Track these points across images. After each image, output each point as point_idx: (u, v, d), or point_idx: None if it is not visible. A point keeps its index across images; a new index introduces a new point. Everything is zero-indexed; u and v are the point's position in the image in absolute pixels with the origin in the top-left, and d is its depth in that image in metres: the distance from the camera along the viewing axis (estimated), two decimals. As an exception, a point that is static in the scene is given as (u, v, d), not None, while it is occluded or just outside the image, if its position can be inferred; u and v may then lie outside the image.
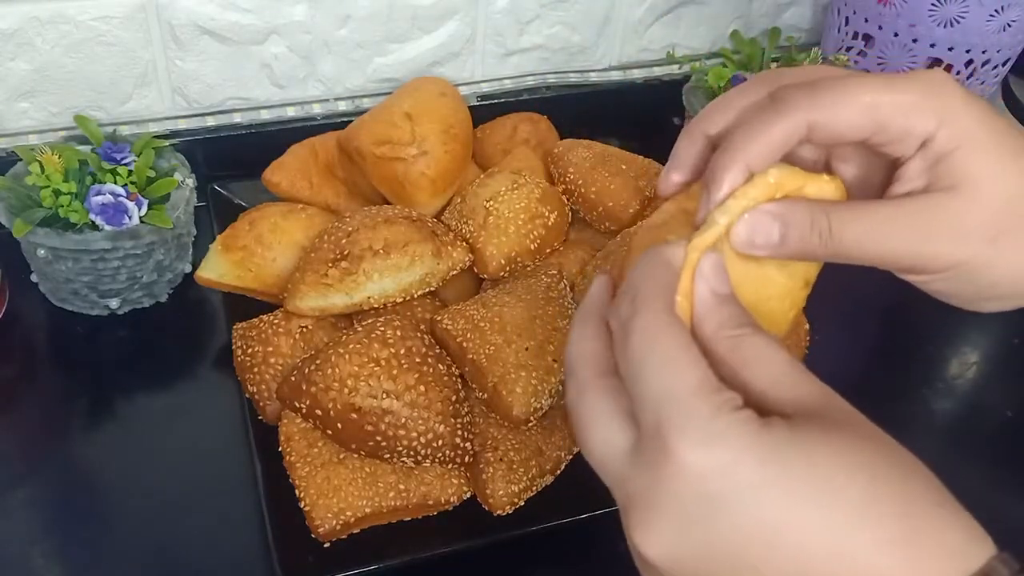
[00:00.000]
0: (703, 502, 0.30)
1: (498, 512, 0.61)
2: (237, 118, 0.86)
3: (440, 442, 0.59)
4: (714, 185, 0.36)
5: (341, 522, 0.58)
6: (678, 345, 0.32)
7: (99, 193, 0.69)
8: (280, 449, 0.61)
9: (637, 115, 0.96)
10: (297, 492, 0.59)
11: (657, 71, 1.01)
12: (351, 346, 0.60)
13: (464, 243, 0.71)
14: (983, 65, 0.89)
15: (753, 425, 0.30)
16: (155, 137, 0.76)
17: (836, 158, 0.41)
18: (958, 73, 0.89)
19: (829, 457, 0.30)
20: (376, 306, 0.67)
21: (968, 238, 0.36)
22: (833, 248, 0.36)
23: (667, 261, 0.34)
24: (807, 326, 0.72)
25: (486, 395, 0.62)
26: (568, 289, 0.70)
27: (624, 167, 0.78)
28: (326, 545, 0.58)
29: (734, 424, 0.30)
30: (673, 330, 0.33)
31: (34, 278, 0.75)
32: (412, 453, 0.59)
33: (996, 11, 0.84)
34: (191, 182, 0.75)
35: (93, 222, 0.69)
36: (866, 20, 0.90)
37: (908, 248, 0.36)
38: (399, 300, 0.68)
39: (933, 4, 0.84)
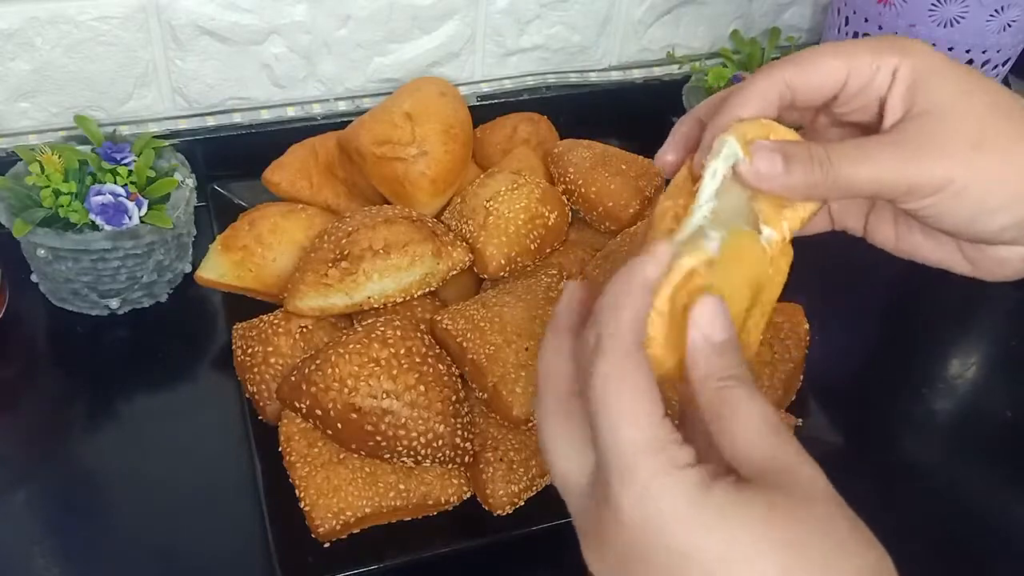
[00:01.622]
0: (637, 549, 0.32)
1: (498, 512, 0.61)
2: (237, 118, 0.86)
3: (440, 442, 0.59)
4: (707, 134, 0.39)
5: (341, 522, 0.58)
6: (635, 398, 0.32)
7: (99, 193, 0.69)
8: (280, 449, 0.61)
9: (637, 115, 0.96)
10: (297, 492, 0.59)
11: (657, 71, 1.01)
12: (351, 346, 0.60)
13: (464, 243, 0.71)
14: (983, 65, 0.88)
15: (692, 490, 0.31)
16: (155, 137, 0.76)
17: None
18: (958, 73, 0.89)
19: (758, 529, 0.30)
20: (376, 306, 0.67)
21: (949, 152, 0.38)
22: (833, 176, 0.38)
23: (641, 284, 0.34)
24: (807, 326, 0.72)
25: (486, 395, 0.62)
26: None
27: (624, 167, 0.78)
28: (326, 545, 0.58)
29: (672, 486, 0.31)
30: (634, 378, 0.33)
31: (34, 278, 0.75)
32: (412, 453, 0.59)
33: (996, 11, 0.84)
34: (191, 182, 0.75)
35: (93, 222, 0.69)
36: (866, 20, 0.90)
37: (897, 171, 0.38)
38: (399, 300, 0.68)
39: (933, 4, 0.84)
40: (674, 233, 0.37)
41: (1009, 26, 0.85)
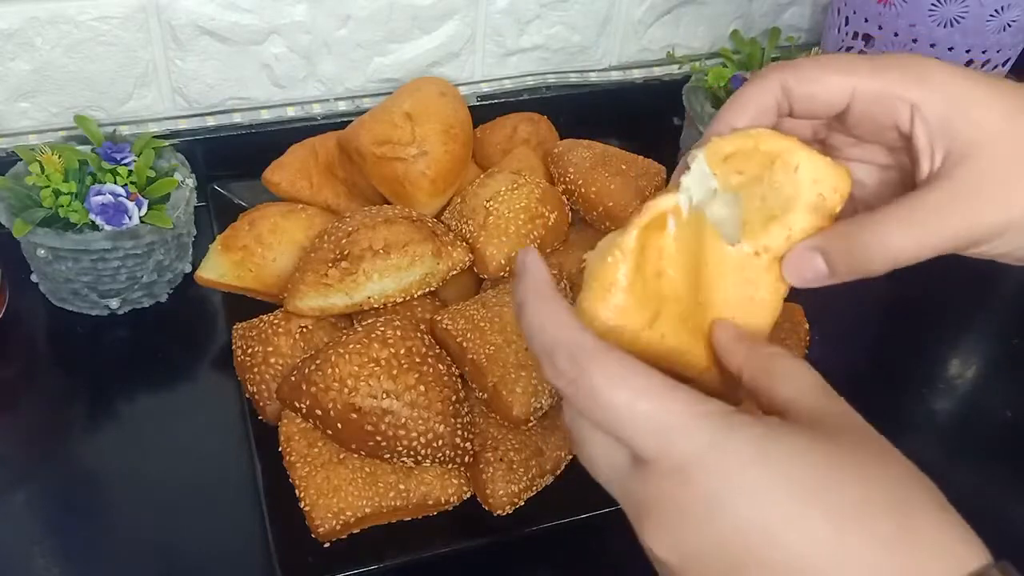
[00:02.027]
0: (702, 504, 0.30)
1: (498, 512, 0.61)
2: (237, 118, 0.86)
3: (440, 442, 0.59)
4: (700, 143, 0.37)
5: (341, 522, 0.58)
6: (623, 379, 0.31)
7: (99, 193, 0.69)
8: (280, 449, 0.61)
9: (637, 115, 0.97)
10: (297, 492, 0.59)
11: (657, 71, 1.01)
12: (351, 346, 0.60)
13: (464, 243, 0.71)
14: (983, 65, 0.88)
15: (754, 427, 0.30)
16: (155, 137, 0.76)
17: (854, 159, 0.41)
18: (958, 73, 0.89)
19: (829, 459, 0.30)
20: (376, 306, 0.67)
21: (1010, 191, 0.35)
22: (882, 255, 0.35)
23: (536, 285, 0.34)
24: (807, 326, 0.72)
25: (486, 395, 0.62)
26: (568, 289, 0.70)
27: (624, 167, 0.78)
28: (326, 545, 0.58)
29: (734, 428, 0.30)
30: (631, 383, 0.31)
31: (34, 278, 0.75)
32: (412, 453, 0.59)
33: (996, 11, 0.84)
34: (191, 182, 0.75)
35: (93, 222, 0.69)
36: (866, 20, 0.90)
37: (958, 231, 0.35)
38: (399, 300, 0.68)
39: (933, 4, 0.84)
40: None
41: (1009, 26, 0.85)
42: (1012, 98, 0.36)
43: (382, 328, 0.61)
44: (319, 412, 0.59)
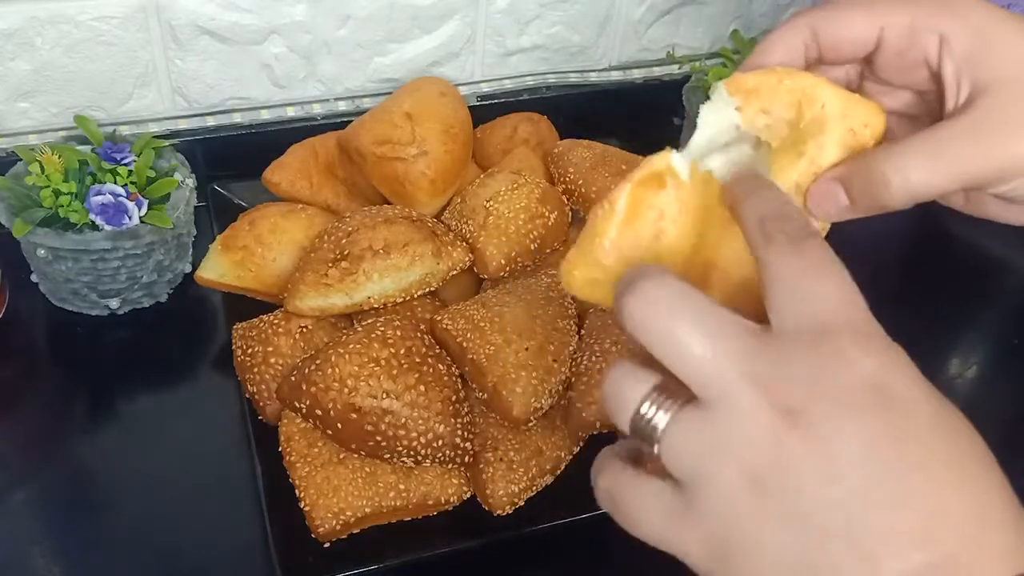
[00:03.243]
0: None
1: (498, 512, 0.61)
2: (237, 118, 0.86)
3: (440, 442, 0.59)
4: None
5: (341, 522, 0.58)
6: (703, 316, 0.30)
7: (99, 193, 0.69)
8: (280, 449, 0.61)
9: (637, 115, 0.96)
10: (297, 492, 0.59)
11: (657, 71, 1.01)
12: (351, 346, 0.60)
13: (464, 243, 0.71)
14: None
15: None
16: (155, 137, 0.76)
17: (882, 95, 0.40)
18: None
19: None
20: (376, 306, 0.67)
21: None
22: (905, 187, 0.35)
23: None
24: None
25: (486, 395, 0.62)
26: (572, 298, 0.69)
27: (624, 167, 0.78)
28: (326, 545, 0.58)
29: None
30: (689, 303, 0.30)
31: (34, 278, 0.75)
32: (412, 453, 0.59)
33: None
34: (191, 182, 0.75)
35: (93, 222, 0.69)
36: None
37: (982, 161, 0.35)
38: (399, 300, 0.68)
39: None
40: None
41: None
42: None
43: (382, 328, 0.61)
44: (319, 412, 0.59)
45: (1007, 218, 0.40)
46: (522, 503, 0.61)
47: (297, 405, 0.60)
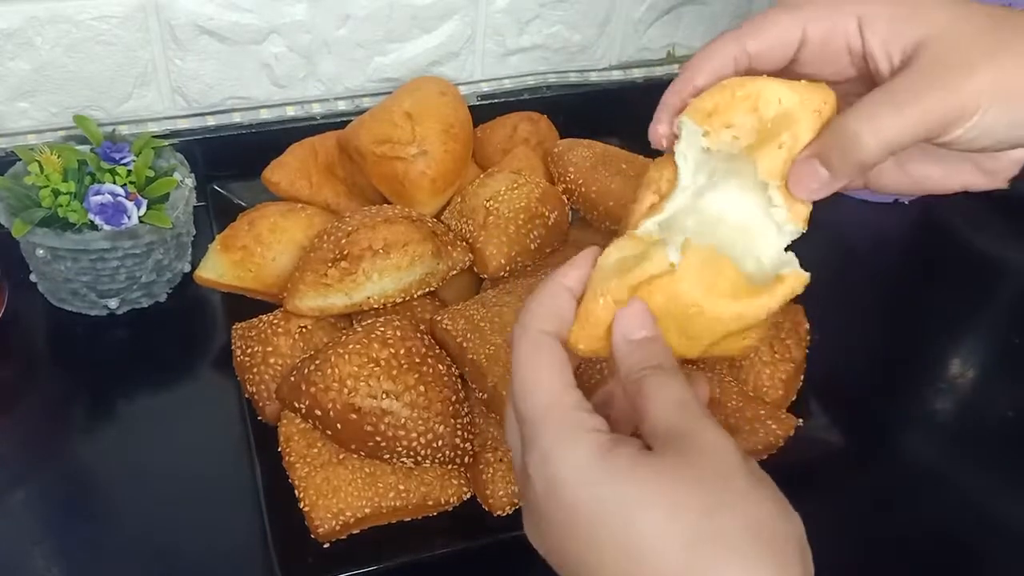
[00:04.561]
0: (545, 509, 0.34)
1: (498, 512, 0.61)
2: (237, 118, 0.86)
3: (440, 442, 0.59)
4: (661, 109, 0.40)
5: (341, 522, 0.58)
6: (539, 372, 0.36)
7: (98, 193, 0.69)
8: (280, 449, 0.61)
9: (637, 115, 0.96)
10: (297, 492, 0.59)
11: (657, 71, 1.01)
12: (351, 346, 0.60)
13: (464, 243, 0.71)
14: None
15: (593, 451, 0.33)
16: (154, 137, 0.76)
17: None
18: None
19: (648, 484, 0.32)
20: (376, 306, 0.67)
21: (973, 68, 0.36)
22: (872, 144, 0.36)
23: (559, 286, 0.38)
24: (807, 326, 0.72)
25: (486, 395, 0.62)
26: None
27: (624, 167, 0.78)
28: (326, 545, 0.58)
29: (573, 448, 0.34)
30: (539, 358, 0.37)
31: (33, 278, 0.75)
32: (412, 453, 0.59)
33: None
34: (190, 182, 0.75)
35: (92, 222, 0.69)
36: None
37: (933, 107, 0.36)
38: (399, 300, 0.68)
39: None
40: (654, 210, 0.39)
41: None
42: (954, 5, 0.37)
43: (382, 328, 0.61)
44: (319, 412, 0.59)
45: (955, 184, 0.42)
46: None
47: (297, 405, 0.60)
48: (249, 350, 0.66)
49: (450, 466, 0.61)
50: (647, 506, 0.32)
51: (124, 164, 0.71)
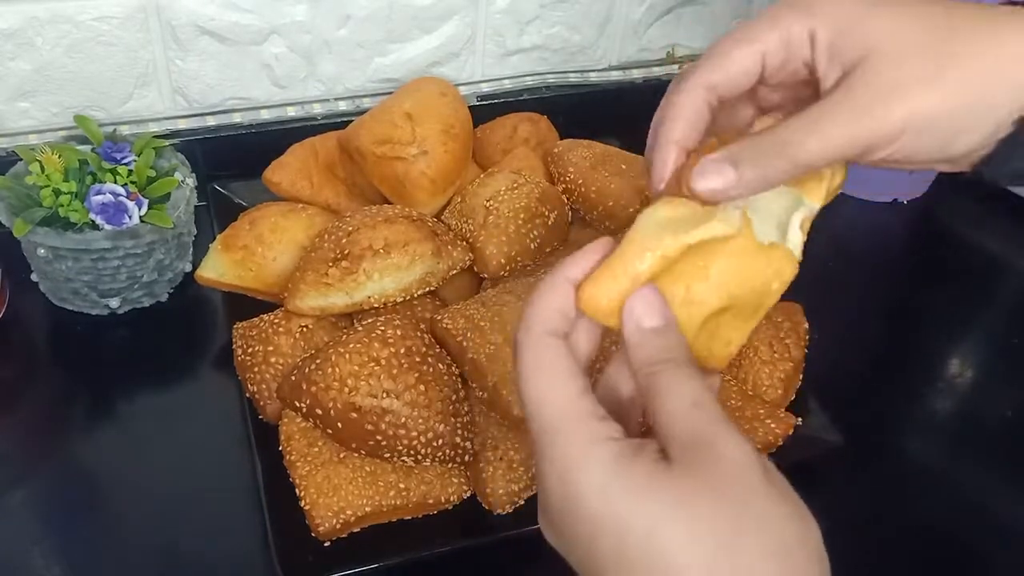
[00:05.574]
0: (565, 520, 0.34)
1: (498, 511, 0.61)
2: (237, 118, 0.86)
3: (440, 441, 0.59)
4: (654, 172, 0.39)
5: (341, 521, 0.58)
6: (551, 379, 0.35)
7: (99, 192, 0.69)
8: (280, 448, 0.61)
9: (637, 115, 0.96)
10: (297, 491, 0.59)
11: (657, 71, 1.01)
12: (351, 345, 0.60)
13: (464, 242, 0.71)
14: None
15: (609, 463, 0.32)
16: (155, 137, 0.77)
17: (767, 105, 0.42)
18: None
19: (667, 503, 0.31)
20: (376, 305, 0.67)
21: (902, 93, 0.36)
22: (789, 159, 0.36)
23: (563, 281, 0.37)
24: (807, 325, 0.72)
25: (486, 394, 0.62)
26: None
27: (624, 167, 0.78)
28: (326, 544, 0.58)
29: (589, 459, 0.33)
30: (548, 363, 0.36)
31: (34, 277, 0.75)
32: (412, 452, 0.59)
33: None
34: (191, 181, 0.75)
35: (93, 221, 0.69)
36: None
37: (855, 131, 0.36)
38: (399, 299, 0.68)
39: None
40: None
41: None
42: (893, 13, 0.37)
43: (382, 327, 0.61)
44: (319, 411, 0.59)
45: (928, 159, 0.41)
46: (522, 502, 0.61)
47: (297, 404, 0.60)
48: (250, 349, 0.66)
49: (450, 465, 0.61)
50: (668, 523, 0.31)
51: (125, 164, 0.71)
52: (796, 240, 0.38)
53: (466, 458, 0.60)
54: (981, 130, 0.37)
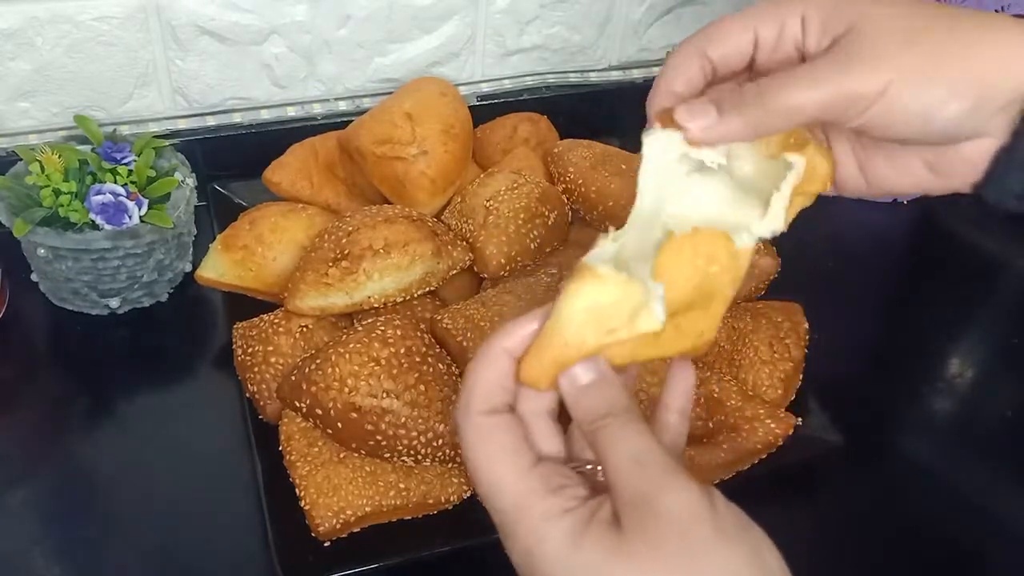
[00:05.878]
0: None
1: (498, 511, 0.61)
2: (237, 118, 0.86)
3: (440, 441, 0.59)
4: (651, 107, 0.41)
5: (341, 521, 0.58)
6: (494, 463, 0.35)
7: (99, 192, 0.69)
8: (280, 448, 0.61)
9: (637, 115, 0.96)
10: (297, 491, 0.59)
11: (656, 71, 1.00)
12: (351, 345, 0.60)
13: (464, 242, 0.71)
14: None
15: (562, 544, 0.33)
16: (155, 137, 0.77)
17: None
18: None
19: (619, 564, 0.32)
20: (376, 305, 0.67)
21: (881, 54, 0.37)
22: (771, 106, 0.37)
23: (497, 353, 0.38)
24: (807, 325, 0.72)
25: (486, 394, 0.62)
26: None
27: (624, 167, 0.78)
28: (326, 544, 0.58)
29: (544, 543, 0.33)
30: (488, 444, 0.36)
31: (34, 277, 0.75)
32: (412, 452, 0.59)
33: (996, 11, 0.84)
34: (191, 181, 0.75)
35: (93, 221, 0.69)
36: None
37: (834, 84, 0.37)
38: (399, 299, 0.68)
39: (933, 4, 0.84)
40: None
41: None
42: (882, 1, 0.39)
43: (382, 327, 0.61)
44: (319, 411, 0.59)
45: (909, 185, 0.43)
46: (522, 502, 0.61)
47: (297, 404, 0.60)
48: (250, 349, 0.66)
49: (450, 465, 0.61)
50: None
51: (125, 164, 0.71)
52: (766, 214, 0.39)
53: (466, 458, 0.60)
54: (962, 100, 0.37)
